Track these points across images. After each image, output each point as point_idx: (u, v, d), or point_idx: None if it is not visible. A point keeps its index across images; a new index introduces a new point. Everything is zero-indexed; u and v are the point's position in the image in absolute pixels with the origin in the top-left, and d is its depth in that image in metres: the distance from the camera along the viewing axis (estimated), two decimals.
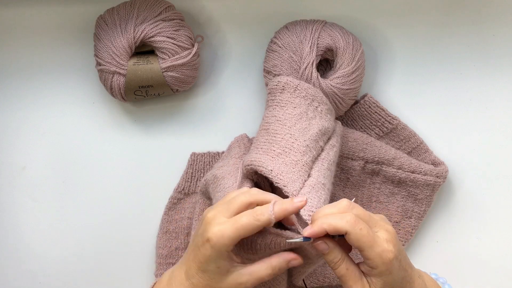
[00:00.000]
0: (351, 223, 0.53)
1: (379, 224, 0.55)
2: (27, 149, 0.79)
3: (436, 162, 0.77)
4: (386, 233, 0.54)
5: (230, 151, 0.74)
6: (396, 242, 0.55)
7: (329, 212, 0.55)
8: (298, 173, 0.62)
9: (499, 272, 0.79)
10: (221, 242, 0.52)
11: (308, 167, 0.64)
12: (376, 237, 0.53)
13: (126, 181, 0.79)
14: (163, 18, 0.73)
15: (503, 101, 0.79)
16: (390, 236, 0.54)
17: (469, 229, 0.79)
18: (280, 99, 0.68)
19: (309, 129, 0.66)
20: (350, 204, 0.55)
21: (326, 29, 0.73)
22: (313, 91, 0.68)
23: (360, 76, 0.74)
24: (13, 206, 0.79)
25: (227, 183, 0.66)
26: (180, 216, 0.78)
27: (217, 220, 0.53)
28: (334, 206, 0.55)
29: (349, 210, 0.54)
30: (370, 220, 0.55)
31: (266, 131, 0.67)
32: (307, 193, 0.61)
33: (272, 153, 0.64)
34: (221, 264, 0.53)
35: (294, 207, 0.54)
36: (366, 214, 0.55)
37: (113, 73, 0.73)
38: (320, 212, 0.55)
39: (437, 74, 0.79)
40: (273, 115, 0.67)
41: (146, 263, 0.78)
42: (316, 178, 0.63)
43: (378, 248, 0.53)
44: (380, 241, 0.53)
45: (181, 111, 0.79)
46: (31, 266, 0.79)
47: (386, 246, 0.53)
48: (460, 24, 0.79)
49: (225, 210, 0.54)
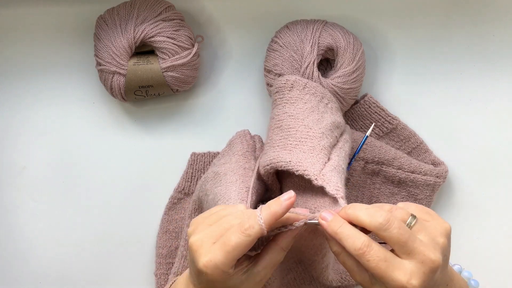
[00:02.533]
0: (377, 225, 0.48)
1: (417, 251, 0.48)
2: (27, 149, 0.79)
3: (436, 162, 0.77)
4: (420, 265, 0.47)
5: (232, 147, 0.73)
6: (430, 277, 0.48)
7: (365, 207, 0.50)
8: (317, 157, 0.61)
9: (499, 272, 0.79)
10: (218, 273, 0.48)
11: (327, 151, 0.62)
12: (400, 263, 0.47)
13: (126, 181, 0.79)
14: (163, 18, 0.73)
15: (503, 101, 0.79)
16: (424, 269, 0.47)
17: (469, 229, 0.79)
18: (289, 97, 0.68)
19: (322, 120, 0.65)
20: (387, 222, 0.48)
21: (327, 28, 0.73)
22: (322, 89, 0.68)
23: (361, 75, 0.74)
24: (13, 206, 0.79)
25: (229, 179, 0.65)
26: (180, 216, 0.78)
27: (204, 247, 0.49)
28: (370, 212, 0.49)
29: (389, 212, 0.49)
30: (405, 245, 0.48)
31: (279, 129, 0.66)
32: (329, 172, 0.59)
33: (289, 146, 0.63)
34: (230, 283, 0.50)
35: (283, 207, 0.49)
36: (402, 236, 0.48)
37: (113, 73, 0.73)
38: (353, 207, 0.51)
39: (437, 74, 0.79)
40: (284, 112, 0.67)
41: (146, 262, 0.78)
42: (337, 162, 0.61)
43: (397, 275, 0.47)
44: (408, 271, 0.47)
45: (181, 111, 0.79)
46: (31, 266, 0.79)
47: (407, 281, 0.47)
48: (460, 24, 0.79)
49: (212, 234, 0.50)
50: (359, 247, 0.48)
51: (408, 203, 0.54)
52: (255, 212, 0.49)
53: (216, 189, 0.65)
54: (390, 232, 0.48)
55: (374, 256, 0.48)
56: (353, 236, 0.49)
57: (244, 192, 0.61)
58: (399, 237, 0.48)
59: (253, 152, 0.70)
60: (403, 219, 0.50)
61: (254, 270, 0.51)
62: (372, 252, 0.48)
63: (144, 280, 0.78)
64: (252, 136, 0.74)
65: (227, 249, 0.48)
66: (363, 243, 0.48)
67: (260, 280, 0.51)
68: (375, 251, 0.48)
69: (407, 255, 0.48)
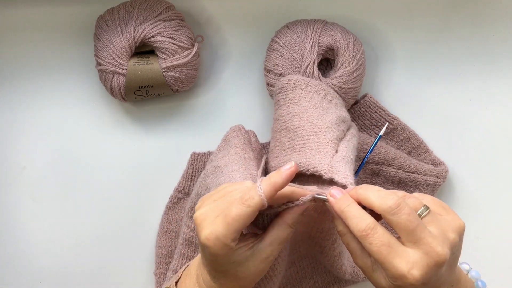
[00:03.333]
0: (387, 207, 0.46)
1: (423, 241, 0.46)
2: (27, 149, 0.79)
3: (436, 162, 0.77)
4: (424, 256, 0.46)
5: (228, 141, 0.72)
6: (433, 271, 0.46)
7: (377, 189, 0.49)
8: (324, 151, 0.61)
9: (499, 272, 0.79)
10: (219, 245, 0.48)
11: (334, 144, 0.62)
12: (404, 251, 0.46)
13: (126, 181, 0.79)
14: (163, 18, 0.73)
15: (503, 101, 0.79)
16: (428, 261, 0.46)
17: (469, 229, 0.79)
18: (292, 96, 0.68)
19: (327, 115, 0.65)
20: (397, 206, 0.47)
21: (327, 28, 0.73)
22: (324, 87, 0.69)
23: (361, 75, 0.74)
24: (13, 206, 0.79)
25: (231, 168, 0.64)
26: (180, 216, 0.78)
27: (207, 220, 0.49)
28: (381, 195, 0.48)
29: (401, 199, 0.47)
30: (412, 233, 0.46)
31: (286, 130, 0.66)
32: (336, 163, 0.59)
33: (297, 147, 0.64)
34: (235, 258, 0.49)
35: (283, 176, 0.48)
36: (410, 223, 0.46)
37: (113, 73, 0.73)
38: (365, 188, 0.49)
39: (437, 74, 0.79)
40: (289, 112, 0.67)
41: (146, 262, 0.78)
42: (345, 152, 0.61)
43: (398, 263, 0.46)
44: (411, 260, 0.46)
45: (181, 111, 0.79)
46: (31, 265, 0.79)
47: (408, 270, 0.46)
48: (460, 24, 0.79)
49: (216, 208, 0.49)
50: (363, 228, 0.47)
51: (425, 194, 0.53)
52: (255, 184, 0.48)
53: (218, 180, 0.64)
54: (399, 217, 0.46)
55: (377, 240, 0.46)
56: (359, 217, 0.48)
57: (249, 178, 0.61)
58: (407, 223, 0.46)
59: (250, 144, 0.70)
60: (415, 208, 0.49)
61: (259, 246, 0.50)
62: (376, 235, 0.47)
63: (144, 280, 0.79)
64: (246, 130, 0.74)
65: (227, 221, 0.47)
66: (367, 225, 0.47)
67: (267, 257, 0.50)
68: (379, 235, 0.47)
69: (413, 243, 0.46)
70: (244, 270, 0.50)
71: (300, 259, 0.68)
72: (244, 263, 0.50)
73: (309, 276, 0.70)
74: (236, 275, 0.50)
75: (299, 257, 0.67)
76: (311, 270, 0.69)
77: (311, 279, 0.71)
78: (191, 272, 0.56)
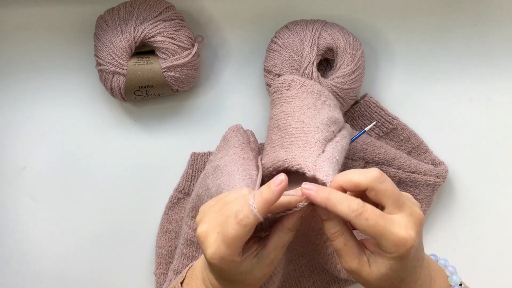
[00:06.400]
0: (374, 177, 0.47)
1: (406, 205, 0.49)
2: (27, 149, 0.79)
3: (436, 162, 0.77)
4: (410, 217, 0.48)
5: (227, 141, 0.72)
6: (420, 229, 0.49)
7: (354, 170, 0.50)
8: (311, 150, 0.62)
9: (499, 272, 0.79)
10: (225, 263, 0.49)
11: (321, 144, 0.63)
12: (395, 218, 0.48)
13: (126, 181, 0.79)
14: (163, 18, 0.73)
15: (503, 101, 0.79)
16: (414, 221, 0.48)
17: (469, 229, 0.79)
18: (287, 96, 0.68)
19: (318, 116, 0.66)
20: (382, 175, 0.49)
21: (326, 28, 0.73)
22: (319, 87, 0.69)
23: (361, 75, 0.74)
24: (13, 206, 0.79)
25: (231, 169, 0.65)
26: (180, 216, 0.78)
27: (209, 238, 0.49)
28: (361, 171, 0.50)
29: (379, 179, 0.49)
30: (398, 199, 0.49)
31: (277, 128, 0.67)
32: (321, 162, 0.59)
33: (285, 144, 0.64)
34: (242, 269, 0.50)
35: (275, 193, 0.48)
36: (395, 189, 0.49)
37: (113, 73, 0.73)
38: (342, 173, 0.50)
39: (437, 74, 0.79)
40: (281, 111, 0.67)
41: (146, 262, 0.78)
42: (331, 153, 0.61)
43: (397, 229, 0.47)
44: (403, 223, 0.48)
45: (181, 111, 0.79)
46: (31, 266, 0.79)
47: (406, 232, 0.47)
48: (460, 24, 0.79)
49: (216, 224, 0.50)
50: (356, 207, 0.48)
51: None
52: (248, 200, 0.48)
53: (218, 180, 0.64)
54: (387, 184, 0.48)
55: (371, 214, 0.47)
56: (347, 199, 0.48)
57: (248, 179, 0.61)
58: (394, 189, 0.48)
59: (248, 144, 0.71)
60: None
61: (263, 253, 0.51)
62: (369, 210, 0.48)
63: (144, 280, 0.79)
64: (245, 130, 0.74)
65: (227, 242, 0.48)
66: (359, 203, 0.48)
67: (271, 262, 0.51)
68: (371, 209, 0.48)
69: (399, 208, 0.48)
70: (251, 277, 0.51)
71: (297, 257, 0.68)
72: (250, 271, 0.51)
73: (308, 276, 0.70)
74: (244, 282, 0.52)
75: (296, 255, 0.68)
76: (309, 269, 0.70)
77: (309, 279, 0.71)
78: (195, 273, 0.57)
